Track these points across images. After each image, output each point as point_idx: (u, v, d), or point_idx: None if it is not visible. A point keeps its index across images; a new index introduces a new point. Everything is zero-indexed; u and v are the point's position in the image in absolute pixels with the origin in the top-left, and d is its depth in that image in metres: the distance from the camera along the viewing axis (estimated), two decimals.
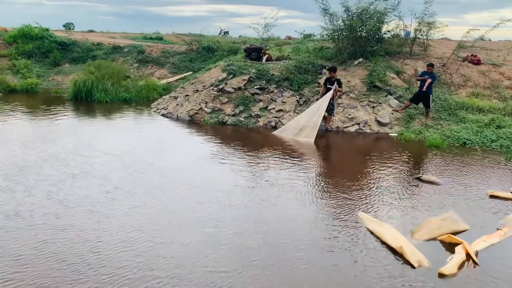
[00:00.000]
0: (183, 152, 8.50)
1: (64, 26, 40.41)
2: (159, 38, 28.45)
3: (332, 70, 10.72)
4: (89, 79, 14.32)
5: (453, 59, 13.71)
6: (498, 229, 5.14)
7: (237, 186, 6.46)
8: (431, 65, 10.83)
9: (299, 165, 7.77)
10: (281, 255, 4.43)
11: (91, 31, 33.92)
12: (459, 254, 4.43)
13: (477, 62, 13.59)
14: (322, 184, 6.78)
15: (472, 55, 13.96)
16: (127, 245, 4.47)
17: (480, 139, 9.68)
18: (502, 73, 13.15)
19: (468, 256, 4.44)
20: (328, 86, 10.51)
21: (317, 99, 10.68)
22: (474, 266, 4.33)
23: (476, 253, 4.51)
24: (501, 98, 12.14)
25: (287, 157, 8.30)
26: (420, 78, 10.79)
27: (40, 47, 20.50)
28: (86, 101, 14.02)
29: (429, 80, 10.42)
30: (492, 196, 6.35)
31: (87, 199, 5.69)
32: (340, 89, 10.58)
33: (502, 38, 19.86)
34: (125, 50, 21.04)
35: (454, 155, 8.79)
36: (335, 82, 10.48)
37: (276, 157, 8.25)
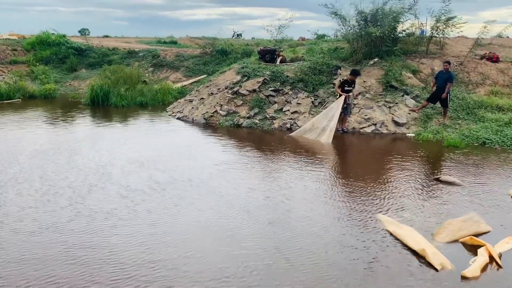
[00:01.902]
0: (204, 158, 8.35)
1: (79, 32, 41.17)
2: (173, 42, 28.72)
3: (355, 74, 10.61)
4: (105, 83, 14.51)
5: (471, 57, 13.49)
6: None
7: (254, 191, 6.46)
8: (447, 63, 10.67)
9: (317, 167, 7.73)
10: (307, 256, 4.40)
11: (106, 36, 34.42)
12: (482, 257, 4.34)
13: (496, 60, 13.34)
14: (340, 187, 6.72)
15: (490, 52, 13.71)
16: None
17: (500, 138, 9.50)
18: None
19: (491, 258, 4.35)
20: (346, 88, 10.39)
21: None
22: (498, 269, 4.24)
23: (500, 255, 4.42)
24: None
25: (304, 159, 8.27)
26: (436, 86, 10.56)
27: (57, 53, 20.91)
28: (102, 106, 14.20)
29: (449, 85, 10.24)
30: None
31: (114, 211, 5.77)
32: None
33: None
34: (140, 54, 21.28)
35: (473, 155, 8.63)
36: (353, 85, 10.39)
37: (293, 160, 8.23)
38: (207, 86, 13.62)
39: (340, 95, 10.33)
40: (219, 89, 12.74)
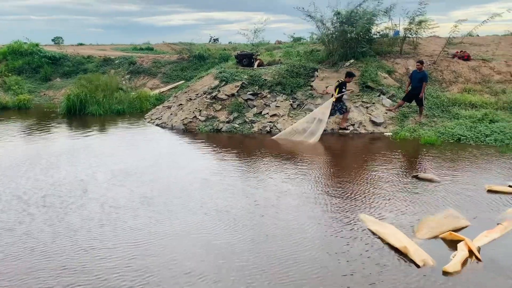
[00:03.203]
0: (187, 166, 8.23)
1: (53, 40, 40.44)
2: (150, 49, 28.50)
3: (352, 75, 10.93)
4: (81, 92, 14.27)
5: (443, 56, 13.83)
6: (498, 224, 5.17)
7: (240, 195, 6.45)
8: (420, 62, 10.90)
9: (298, 169, 7.77)
10: (282, 259, 4.41)
11: (81, 44, 33.94)
12: (462, 251, 4.44)
13: (467, 58, 13.71)
14: (322, 188, 6.77)
15: (461, 51, 14.08)
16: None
17: (474, 135, 9.76)
18: (492, 68, 13.27)
19: (471, 252, 4.45)
20: (343, 90, 10.56)
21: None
22: (477, 262, 4.34)
23: (478, 249, 4.52)
24: (493, 93, 12.24)
25: (286, 162, 8.31)
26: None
27: (30, 63, 20.46)
28: (79, 115, 13.96)
29: (424, 84, 10.47)
30: (490, 191, 6.39)
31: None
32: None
33: (489, 33, 20.06)
34: (116, 62, 21.03)
35: (449, 151, 8.84)
36: (344, 86, 10.61)
37: (276, 163, 8.26)
38: (185, 92, 13.55)
39: (333, 95, 10.52)
40: (197, 94, 12.70)
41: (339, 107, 10.67)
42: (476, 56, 13.96)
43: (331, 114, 10.68)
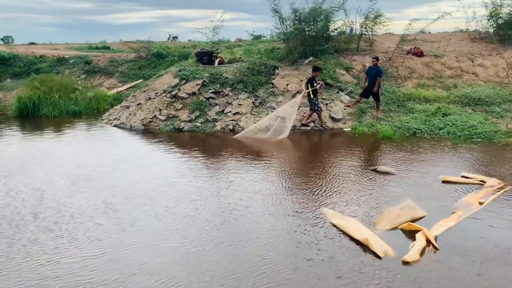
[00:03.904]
0: (148, 169, 8.10)
1: (2, 39, 38.53)
2: (106, 47, 27.73)
3: (318, 69, 11.01)
4: (34, 94, 13.68)
5: (398, 52, 14.29)
6: (453, 213, 5.40)
7: (203, 194, 6.39)
8: (376, 58, 11.21)
9: (261, 167, 7.80)
10: (244, 257, 4.41)
11: (33, 43, 32.54)
12: (420, 241, 4.60)
13: (420, 54, 14.24)
14: (285, 184, 6.82)
15: (415, 47, 14.60)
16: None
17: (428, 128, 10.15)
18: (444, 64, 13.84)
19: (428, 241, 4.63)
20: (314, 85, 10.62)
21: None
22: (435, 251, 4.52)
23: (435, 238, 4.70)
24: (445, 87, 12.78)
25: (249, 160, 8.32)
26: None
27: None
28: (32, 117, 13.38)
29: (379, 79, 10.76)
30: (444, 181, 6.66)
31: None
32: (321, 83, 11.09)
33: (441, 30, 20.95)
34: (71, 61, 20.33)
35: (405, 145, 9.15)
36: (314, 81, 10.70)
37: (239, 161, 8.24)
38: (144, 91, 13.28)
39: (306, 93, 10.60)
40: (157, 93, 12.47)
41: (316, 103, 10.76)
42: (428, 52, 14.52)
43: (320, 109, 10.82)
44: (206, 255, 4.48)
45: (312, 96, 10.58)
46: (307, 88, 10.57)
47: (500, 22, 14.96)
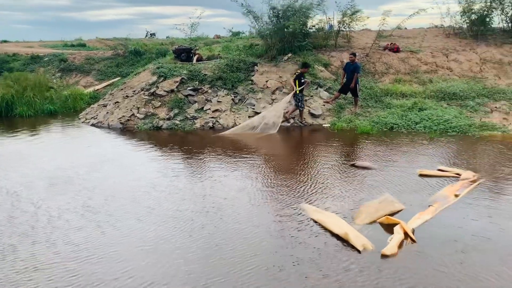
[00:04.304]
0: (128, 169, 7.94)
1: None
2: (82, 45, 27.20)
3: (307, 66, 11.14)
4: (8, 92, 13.32)
5: (375, 48, 14.47)
6: (430, 206, 5.52)
7: (183, 190, 6.35)
8: (353, 54, 11.31)
9: (242, 164, 7.79)
10: (230, 258, 4.42)
11: (5, 41, 31.70)
12: (398, 234, 4.69)
13: (397, 50, 14.45)
14: (265, 181, 6.84)
15: (391, 43, 14.81)
16: None
17: (405, 122, 10.32)
18: (420, 59, 14.08)
19: (406, 234, 4.72)
20: (302, 81, 10.67)
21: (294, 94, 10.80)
22: (412, 243, 4.61)
23: (413, 231, 4.80)
24: (421, 82, 13.01)
25: (230, 157, 8.30)
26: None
27: None
28: (6, 117, 13.03)
29: (356, 75, 10.88)
30: (421, 175, 6.79)
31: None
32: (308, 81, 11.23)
33: (416, 26, 21.32)
34: (45, 59, 19.86)
35: (383, 139, 9.29)
36: (302, 77, 10.78)
37: (220, 158, 8.22)
38: (122, 89, 13.08)
39: (294, 89, 10.66)
40: (134, 91, 12.30)
41: (301, 99, 10.81)
42: (405, 48, 14.74)
43: (303, 106, 10.88)
44: (191, 257, 4.43)
45: (298, 92, 10.64)
46: (295, 84, 10.65)
47: (473, 18, 15.29)
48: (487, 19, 15.25)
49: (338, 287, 3.85)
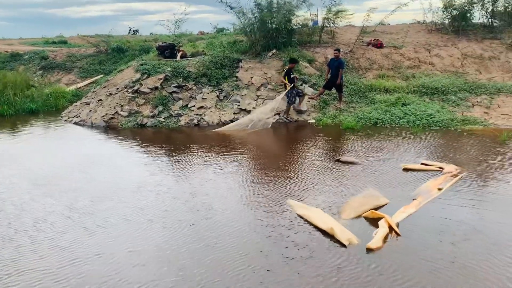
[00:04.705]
0: (114, 168, 7.82)
1: None
2: (63, 42, 26.69)
3: (294, 61, 11.26)
4: None
5: (359, 44, 14.55)
6: (413, 200, 5.59)
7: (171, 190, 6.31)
8: (337, 50, 11.37)
9: (228, 161, 7.77)
10: (219, 259, 4.41)
11: None
12: (382, 228, 4.74)
13: (380, 46, 14.57)
14: (252, 177, 6.84)
15: (375, 39, 14.92)
16: None
17: (389, 118, 10.42)
18: (403, 55, 14.22)
19: (391, 228, 4.77)
20: (291, 76, 10.81)
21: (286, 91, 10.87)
22: (397, 237, 4.66)
23: (397, 225, 4.86)
24: (404, 78, 13.14)
25: (215, 154, 8.27)
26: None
27: None
28: None
29: (341, 71, 10.94)
30: (405, 169, 6.88)
31: None
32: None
33: (399, 22, 21.47)
34: (26, 57, 19.47)
35: (367, 134, 9.37)
36: (291, 72, 10.93)
37: (203, 155, 8.19)
38: (105, 87, 12.91)
39: (287, 86, 10.77)
40: (117, 88, 12.15)
41: (295, 93, 10.89)
42: (388, 43, 14.87)
43: (292, 102, 10.91)
44: (181, 257, 4.37)
45: (291, 88, 10.72)
46: (286, 80, 10.77)
47: (454, 13, 15.50)
48: (468, 15, 15.47)
49: (324, 281, 3.88)
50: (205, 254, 4.40)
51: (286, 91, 10.77)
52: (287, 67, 11.08)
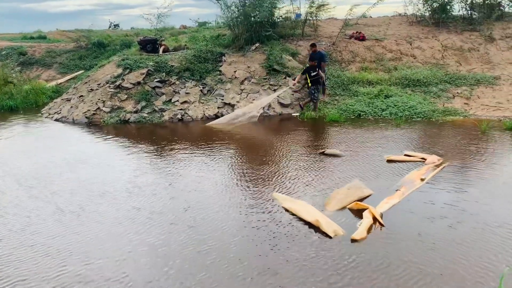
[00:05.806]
0: (101, 166, 7.65)
1: None
2: (42, 37, 26.14)
3: (314, 45, 11.33)
4: None
5: (341, 37, 14.61)
6: (397, 190, 5.66)
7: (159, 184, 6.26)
8: (313, 45, 11.39)
9: (211, 155, 7.74)
10: (212, 261, 4.40)
11: None
12: (367, 219, 4.79)
13: (362, 38, 14.65)
14: (236, 171, 6.83)
15: (357, 32, 14.99)
16: None
17: (372, 110, 10.52)
18: (385, 47, 14.34)
19: (375, 219, 4.83)
20: (312, 74, 10.73)
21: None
22: (381, 228, 4.73)
23: (381, 215, 4.92)
24: (386, 70, 13.26)
25: (199, 148, 8.23)
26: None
27: None
28: None
29: (323, 64, 10.98)
30: (389, 161, 6.96)
31: None
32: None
33: (381, 14, 21.61)
34: (3, 53, 19.04)
35: (351, 127, 9.45)
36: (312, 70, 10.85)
37: (187, 150, 8.14)
38: (86, 82, 12.71)
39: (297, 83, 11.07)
40: (99, 84, 11.97)
41: (313, 92, 10.80)
42: (370, 36, 14.97)
43: (317, 99, 10.88)
44: (172, 256, 4.32)
45: (310, 85, 10.78)
46: (307, 78, 10.75)
47: (435, 6, 15.66)
48: (448, 7, 15.65)
49: (309, 271, 3.91)
50: (197, 257, 4.38)
51: (281, 90, 10.83)
52: (310, 51, 11.31)
